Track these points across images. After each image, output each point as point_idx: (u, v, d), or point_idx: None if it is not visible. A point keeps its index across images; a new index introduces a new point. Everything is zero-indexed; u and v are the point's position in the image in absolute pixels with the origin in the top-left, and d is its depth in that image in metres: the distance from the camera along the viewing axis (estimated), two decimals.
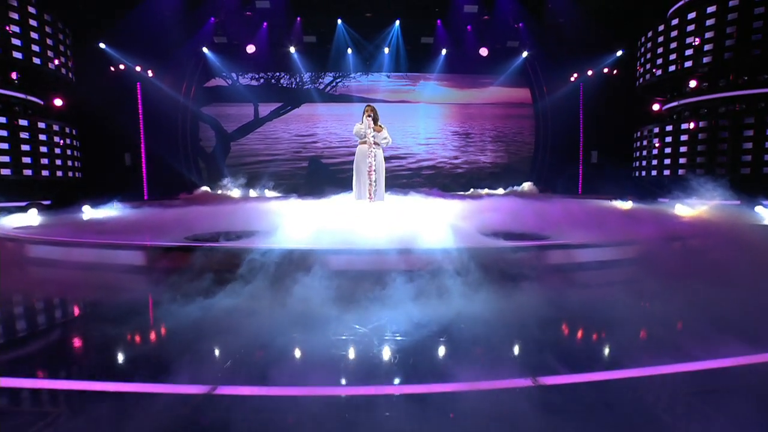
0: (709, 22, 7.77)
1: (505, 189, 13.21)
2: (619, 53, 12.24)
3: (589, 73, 12.84)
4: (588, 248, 4.43)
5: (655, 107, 10.94)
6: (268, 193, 13.08)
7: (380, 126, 6.23)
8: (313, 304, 2.95)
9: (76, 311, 3.30)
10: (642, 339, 2.57)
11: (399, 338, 2.45)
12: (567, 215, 6.31)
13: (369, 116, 6.04)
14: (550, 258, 4.27)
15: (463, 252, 3.78)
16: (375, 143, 6.13)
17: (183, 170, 13.22)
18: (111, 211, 7.93)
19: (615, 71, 12.47)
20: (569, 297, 3.33)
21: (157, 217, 7.31)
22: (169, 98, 12.66)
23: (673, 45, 8.59)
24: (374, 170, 6.14)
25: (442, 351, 2.31)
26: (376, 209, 5.71)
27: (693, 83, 8.48)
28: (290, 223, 4.96)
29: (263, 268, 3.55)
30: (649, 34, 9.23)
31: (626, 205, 8.84)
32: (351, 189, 6.32)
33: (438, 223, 4.74)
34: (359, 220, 4.99)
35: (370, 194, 6.12)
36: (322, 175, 14.04)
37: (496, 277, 3.55)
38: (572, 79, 13.34)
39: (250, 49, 12.83)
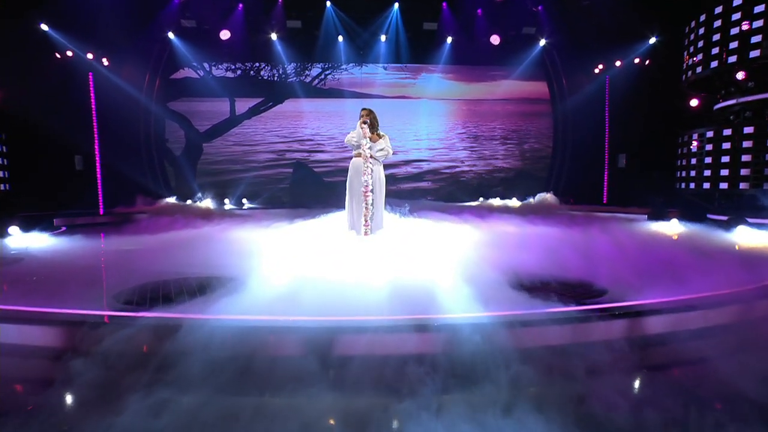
0: None
1: (520, 199, 12.10)
2: (653, 40, 11.11)
3: (618, 63, 11.71)
4: (678, 312, 3.26)
5: (694, 103, 9.83)
6: (246, 204, 11.91)
7: (379, 134, 5.15)
8: None
9: None
10: None
11: None
12: (617, 250, 5.16)
13: (365, 123, 4.94)
14: (622, 329, 3.08)
15: (497, 326, 2.65)
16: (372, 156, 5.06)
17: (147, 176, 11.86)
18: (41, 238, 6.60)
19: (647, 62, 11.34)
20: None
21: (91, 251, 6.02)
22: (128, 91, 11.29)
23: (735, 30, 7.44)
24: (371, 190, 5.07)
25: None
26: (372, 248, 4.60)
27: (756, 78, 7.36)
28: (260, 270, 3.80)
29: (206, 364, 2.34)
30: (702, 18, 8.08)
31: (674, 226, 7.73)
32: (342, 202, 5.39)
33: (453, 270, 3.73)
34: (351, 267, 3.90)
35: (366, 221, 5.06)
36: (308, 182, 12.79)
37: (558, 379, 2.37)
38: (597, 70, 12.20)
39: (224, 35, 11.52)
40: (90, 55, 10.50)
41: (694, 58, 8.56)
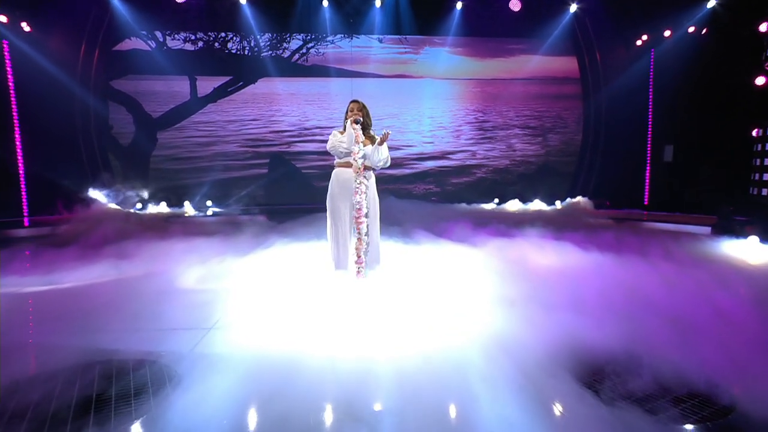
0: None
1: (543, 200, 10.48)
2: (711, 4, 9.35)
3: (666, 34, 9.98)
4: None
5: (761, 81, 8.16)
6: (212, 208, 10.15)
7: (371, 136, 4.00)
8: None
9: None
10: None
11: None
12: (712, 303, 3.46)
13: (357, 122, 3.79)
14: None
15: None
16: (366, 167, 3.48)
17: (86, 174, 9.95)
18: None
19: (704, 31, 9.60)
20: None
21: None
22: (58, 66, 9.34)
23: None
24: (366, 215, 3.46)
25: None
26: (368, 299, 3.46)
27: None
28: (205, 341, 2.96)
29: None
30: None
31: (756, 246, 6.11)
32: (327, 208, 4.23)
33: (487, 354, 2.70)
34: (339, 336, 2.90)
35: (359, 256, 3.51)
36: (287, 179, 11.00)
37: None
38: (639, 43, 10.41)
39: None
40: (3, 18, 8.54)
41: None
